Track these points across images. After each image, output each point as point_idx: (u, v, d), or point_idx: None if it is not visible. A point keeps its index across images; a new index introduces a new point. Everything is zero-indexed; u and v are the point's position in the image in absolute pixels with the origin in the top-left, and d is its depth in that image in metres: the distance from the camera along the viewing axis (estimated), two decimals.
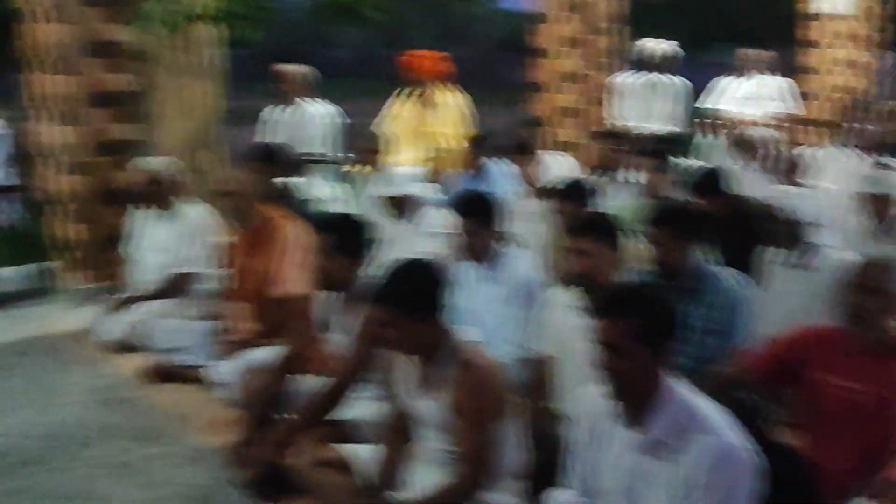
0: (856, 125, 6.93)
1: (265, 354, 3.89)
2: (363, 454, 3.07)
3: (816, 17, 9.22)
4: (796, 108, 8.51)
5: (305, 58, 6.59)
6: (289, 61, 6.60)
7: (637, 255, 3.72)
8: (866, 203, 4.51)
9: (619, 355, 2.24)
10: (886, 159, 5.70)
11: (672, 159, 5.11)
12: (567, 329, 3.33)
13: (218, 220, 4.89)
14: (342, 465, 3.04)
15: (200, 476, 3.47)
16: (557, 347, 3.39)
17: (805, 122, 9.23)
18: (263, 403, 3.54)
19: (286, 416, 3.54)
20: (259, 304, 4.28)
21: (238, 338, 4.29)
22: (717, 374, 3.03)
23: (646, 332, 2.23)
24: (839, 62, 9.13)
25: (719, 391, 2.39)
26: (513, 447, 2.88)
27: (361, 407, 3.41)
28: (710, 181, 4.86)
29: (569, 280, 3.36)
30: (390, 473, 2.96)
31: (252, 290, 4.31)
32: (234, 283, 4.45)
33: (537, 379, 3.46)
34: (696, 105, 8.50)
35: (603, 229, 3.24)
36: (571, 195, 4.21)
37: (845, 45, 9.11)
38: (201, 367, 4.29)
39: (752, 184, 5.67)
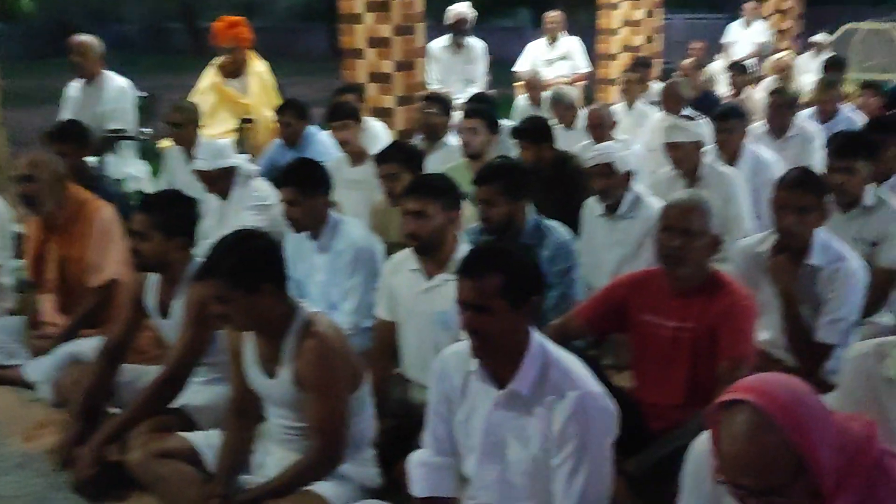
0: (659, 82, 7.36)
1: (85, 347, 3.64)
2: (207, 441, 2.94)
3: None
4: (588, 66, 8.95)
5: (88, 33, 6.10)
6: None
7: (467, 216, 3.76)
8: (669, 153, 4.75)
9: (483, 314, 2.24)
10: (690, 112, 6.03)
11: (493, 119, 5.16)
12: (407, 292, 3.32)
13: (14, 208, 4.51)
14: (186, 455, 2.89)
15: (29, 482, 3.20)
16: (399, 311, 3.37)
17: (603, 80, 9.70)
18: (89, 398, 3.31)
19: (117, 409, 3.33)
20: (75, 293, 3.99)
21: (51, 332, 3.99)
22: (552, 325, 3.10)
23: (509, 289, 2.24)
24: (631, 22, 9.59)
25: (555, 342, 2.44)
26: (365, 416, 2.85)
27: (202, 391, 3.26)
28: (535, 128, 5.02)
29: (405, 243, 3.35)
30: (238, 458, 2.85)
31: (67, 279, 4.02)
32: (42, 273, 4.12)
33: (381, 345, 3.44)
34: (513, 68, 8.76)
35: (435, 190, 3.24)
36: (401, 159, 4.18)
37: (637, 5, 9.58)
38: (12, 366, 3.94)
39: (568, 141, 5.90)
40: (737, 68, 8.25)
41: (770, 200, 3.38)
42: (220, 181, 4.67)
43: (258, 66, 6.63)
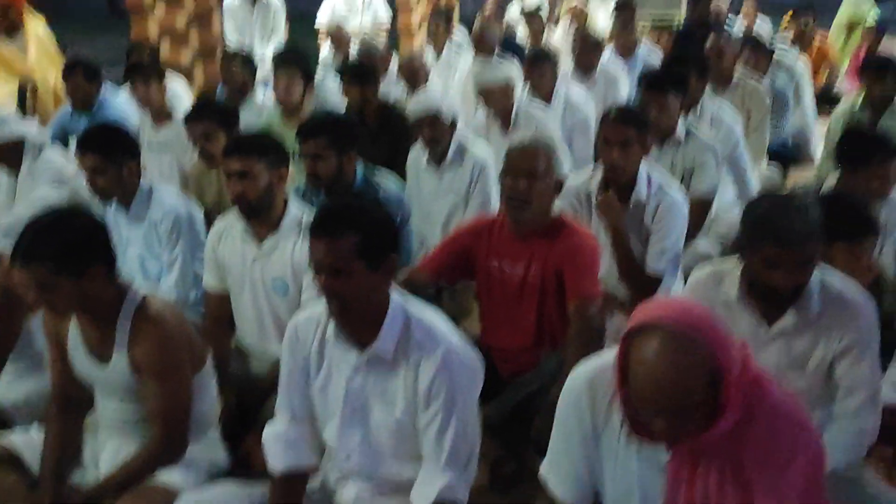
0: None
1: None
2: (27, 441, 2.64)
3: None
4: (389, 15, 8.86)
5: None
6: None
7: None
8: (483, 96, 4.74)
9: (339, 275, 2.11)
10: (504, 55, 6.02)
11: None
12: (237, 259, 3.13)
13: None
14: (8, 459, 2.58)
15: None
16: (230, 281, 3.17)
17: (405, 29, 9.60)
18: None
19: None
20: None
21: None
22: (398, 280, 3.02)
23: (366, 249, 2.12)
24: None
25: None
26: (208, 395, 2.66)
27: (13, 386, 2.94)
28: (363, 67, 4.93)
29: (231, 206, 3.14)
30: (66, 455, 2.58)
31: None
32: None
33: (213, 318, 3.23)
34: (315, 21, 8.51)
35: (260, 148, 3.05)
36: (215, 117, 3.92)
37: None
38: None
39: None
40: (532, 16, 8.39)
41: (597, 135, 3.44)
42: (8, 154, 4.20)
43: (35, 24, 6.03)
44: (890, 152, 3.40)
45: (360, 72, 4.90)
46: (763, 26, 8.59)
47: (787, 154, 5.74)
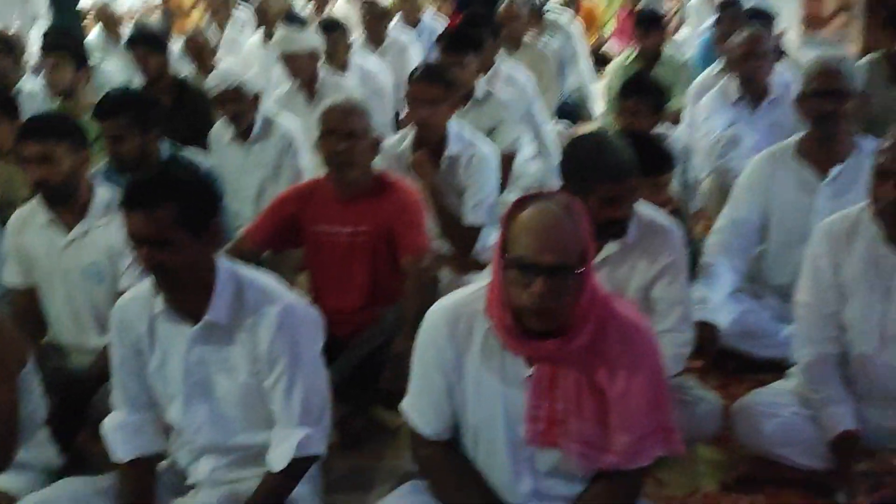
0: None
1: None
2: None
3: None
4: None
5: None
6: None
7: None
8: (287, 64, 4.68)
9: (162, 247, 2.02)
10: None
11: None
12: (43, 250, 2.92)
13: None
14: None
15: None
16: (37, 274, 2.95)
17: (177, 9, 9.23)
18: None
19: None
20: None
21: None
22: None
23: (185, 216, 2.03)
24: None
25: None
26: (34, 395, 2.48)
27: None
28: (151, 34, 4.74)
29: (21, 196, 2.92)
30: None
31: None
32: None
33: (21, 316, 2.98)
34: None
35: (58, 130, 2.84)
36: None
37: None
38: None
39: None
40: None
41: (406, 96, 3.50)
42: None
43: None
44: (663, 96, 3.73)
45: (151, 37, 4.69)
46: None
47: (569, 112, 6.06)
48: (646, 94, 3.64)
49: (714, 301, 2.89)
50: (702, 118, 4.13)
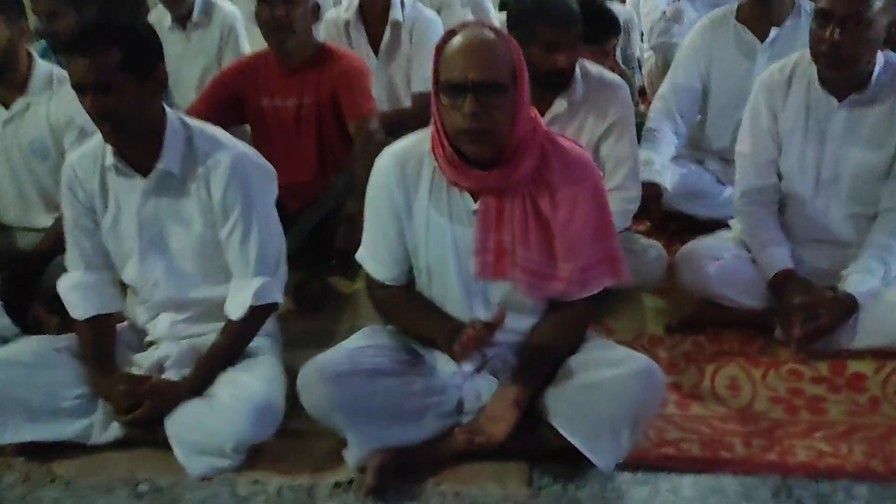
0: None
1: None
2: None
3: None
4: None
5: None
6: None
7: None
8: None
9: (107, 92, 2.00)
10: None
11: None
12: None
13: None
14: None
15: None
16: None
17: None
18: None
19: None
20: None
21: None
22: None
23: (130, 61, 2.01)
24: None
25: None
26: None
27: None
28: None
29: None
30: None
31: None
32: None
33: None
34: None
35: None
36: None
37: None
38: None
39: None
40: None
41: None
42: None
43: None
44: None
45: None
46: None
47: None
48: None
49: (658, 163, 2.96)
50: None
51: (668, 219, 3.15)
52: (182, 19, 3.91)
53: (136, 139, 2.11)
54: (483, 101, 1.80)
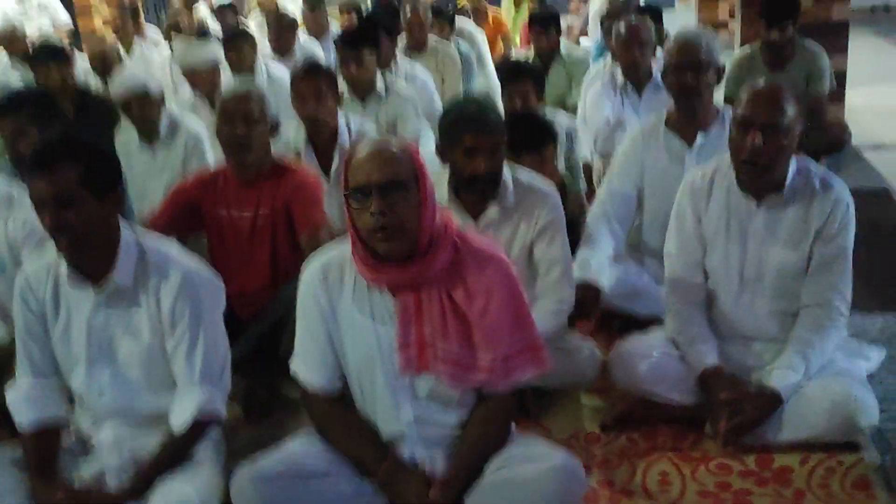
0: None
1: None
2: None
3: None
4: (68, 17, 8.51)
5: None
6: None
7: None
8: (188, 77, 4.79)
9: (66, 206, 2.11)
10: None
11: None
12: None
13: None
14: None
15: None
16: None
17: (89, 32, 9.22)
18: None
19: None
20: None
21: None
22: None
23: (87, 178, 2.12)
24: None
25: None
26: None
27: None
28: (50, 47, 4.76)
29: None
30: None
31: None
32: None
33: None
34: None
35: None
36: None
37: None
38: None
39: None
40: (223, 9, 8.42)
41: (291, 96, 3.66)
42: None
43: None
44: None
45: (50, 49, 4.71)
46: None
47: None
48: (525, 76, 3.84)
49: (595, 264, 3.08)
50: (591, 104, 4.36)
51: (610, 317, 3.24)
52: (149, 138, 4.07)
53: (91, 252, 2.22)
54: (387, 200, 1.94)
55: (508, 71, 3.97)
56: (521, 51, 8.32)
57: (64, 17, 8.43)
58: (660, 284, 3.21)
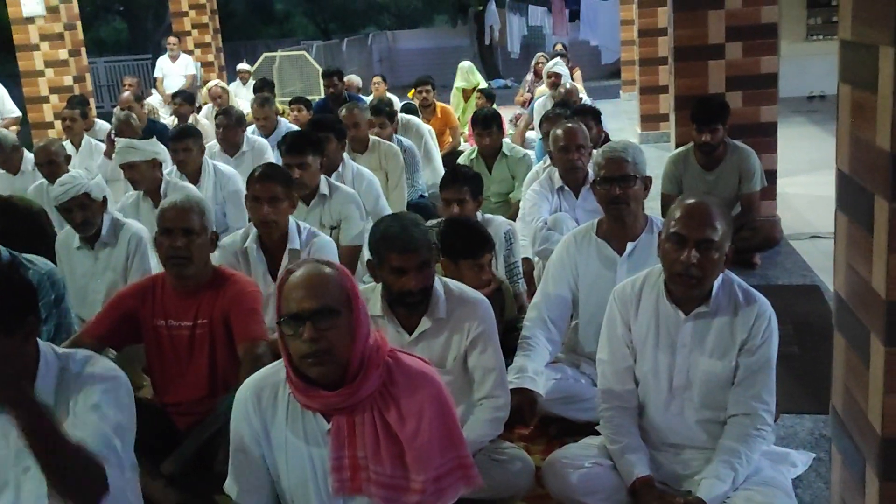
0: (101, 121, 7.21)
1: None
2: None
3: (27, 20, 9.14)
4: (16, 110, 8.55)
5: None
6: None
7: None
8: (127, 174, 4.86)
9: None
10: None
11: None
12: None
13: None
14: None
15: None
16: None
17: (39, 124, 9.23)
18: None
19: None
20: None
21: None
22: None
23: None
24: (56, 63, 9.24)
25: None
26: None
27: None
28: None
29: None
30: None
31: None
32: None
33: None
34: None
35: None
36: None
37: (58, 45, 9.23)
38: None
39: (16, 185, 5.58)
40: (184, 97, 8.55)
41: (245, 197, 3.69)
42: None
43: None
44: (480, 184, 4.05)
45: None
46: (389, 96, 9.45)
47: (425, 205, 6.35)
48: (463, 182, 3.94)
49: (532, 370, 3.12)
50: (529, 205, 4.47)
51: (548, 422, 3.28)
52: (90, 239, 4.08)
53: (7, 381, 2.18)
54: (319, 327, 1.97)
55: (444, 177, 4.07)
56: (469, 143, 8.53)
57: (11, 107, 8.46)
58: (596, 388, 3.28)
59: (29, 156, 5.98)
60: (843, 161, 2.06)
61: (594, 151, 4.63)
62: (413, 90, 8.90)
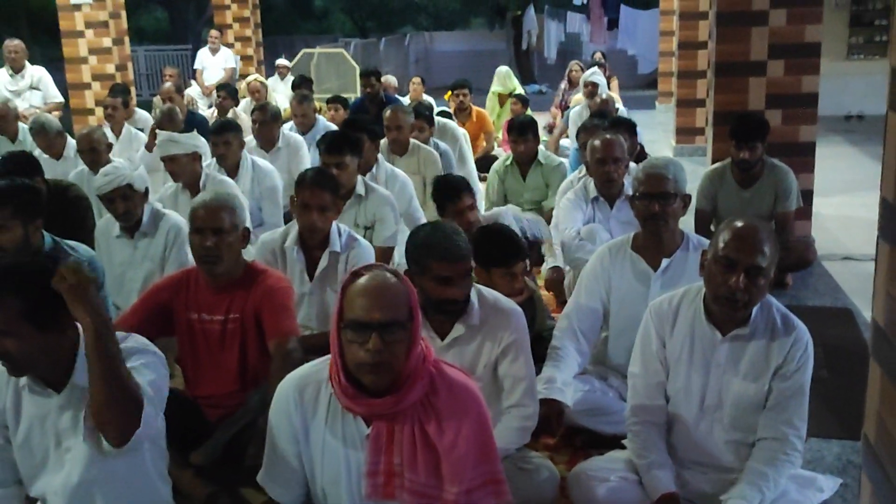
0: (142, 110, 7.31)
1: None
2: None
3: (74, 6, 9.27)
4: (59, 95, 8.66)
5: None
6: None
7: None
8: (167, 166, 4.91)
9: (5, 337, 2.15)
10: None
11: None
12: None
13: None
14: None
15: None
16: None
17: (80, 110, 9.36)
18: None
19: None
20: None
21: None
22: None
23: (29, 312, 2.15)
24: (99, 51, 9.37)
25: None
26: None
27: None
28: (25, 161, 4.69)
29: None
30: None
31: None
32: None
33: None
34: None
35: None
36: None
37: (102, 33, 9.35)
38: None
39: (59, 170, 5.67)
40: (228, 91, 8.64)
41: (292, 200, 3.74)
42: None
43: None
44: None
45: (22, 160, 4.63)
46: (427, 99, 9.49)
47: None
48: (461, 192, 4.09)
49: (560, 381, 3.13)
50: (563, 214, 4.48)
51: (573, 434, 3.28)
52: (130, 229, 4.13)
53: (41, 369, 2.25)
54: (386, 339, 1.99)
55: (444, 190, 4.20)
56: (503, 149, 8.56)
57: (55, 94, 8.58)
58: (624, 402, 3.28)
59: (72, 142, 6.06)
60: (888, 189, 2.05)
61: (634, 165, 4.67)
62: (450, 92, 8.94)
